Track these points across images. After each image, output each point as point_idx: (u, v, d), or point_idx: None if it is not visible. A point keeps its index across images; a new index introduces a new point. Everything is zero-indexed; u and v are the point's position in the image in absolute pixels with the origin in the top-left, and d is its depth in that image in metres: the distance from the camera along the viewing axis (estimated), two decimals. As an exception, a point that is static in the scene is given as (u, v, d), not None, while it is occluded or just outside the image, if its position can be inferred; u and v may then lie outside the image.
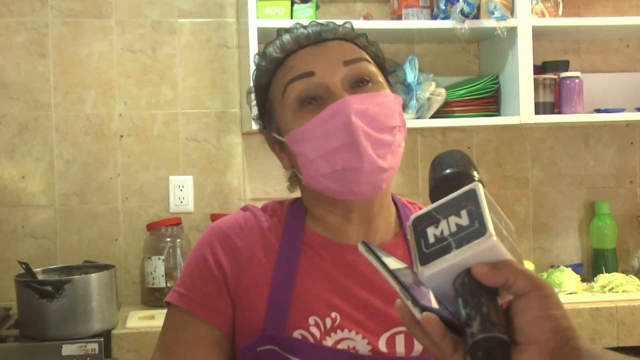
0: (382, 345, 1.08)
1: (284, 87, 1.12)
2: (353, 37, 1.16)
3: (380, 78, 1.15)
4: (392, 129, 1.10)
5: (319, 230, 1.16)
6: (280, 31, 1.19)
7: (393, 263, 0.82)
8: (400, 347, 1.09)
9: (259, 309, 1.10)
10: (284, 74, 1.13)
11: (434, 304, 0.78)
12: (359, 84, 1.12)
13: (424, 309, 0.75)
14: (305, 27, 1.17)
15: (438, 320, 0.74)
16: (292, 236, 1.15)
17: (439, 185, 0.86)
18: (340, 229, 1.16)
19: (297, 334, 1.07)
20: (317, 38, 1.14)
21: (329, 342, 1.07)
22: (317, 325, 1.08)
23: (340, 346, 1.07)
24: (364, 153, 1.06)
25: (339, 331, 1.08)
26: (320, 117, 1.08)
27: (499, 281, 0.75)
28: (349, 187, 1.09)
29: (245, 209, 1.21)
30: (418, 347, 1.09)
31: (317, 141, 1.08)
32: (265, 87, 1.17)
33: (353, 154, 1.07)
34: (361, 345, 1.08)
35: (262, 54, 1.19)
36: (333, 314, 1.09)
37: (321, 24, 1.16)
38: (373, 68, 1.14)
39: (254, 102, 1.22)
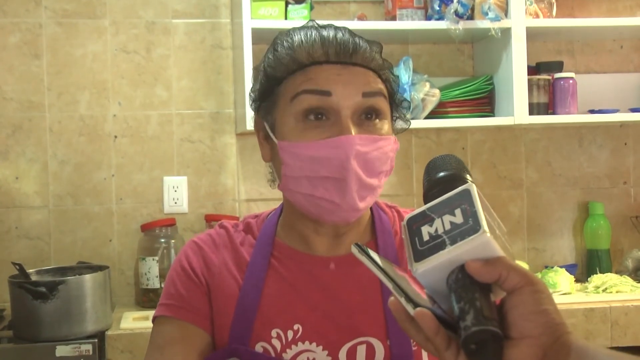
0: (342, 356, 1.10)
1: (296, 94, 1.09)
2: (379, 68, 1.13)
3: (388, 115, 1.13)
4: (381, 174, 1.11)
5: (288, 241, 1.18)
6: (309, 23, 1.15)
7: (386, 263, 0.83)
8: (361, 358, 1.11)
9: (226, 321, 1.13)
10: (302, 81, 1.10)
11: (427, 301, 0.78)
12: (368, 115, 1.10)
13: (417, 305, 0.76)
14: (336, 30, 1.12)
15: (431, 315, 0.75)
16: (262, 251, 1.17)
17: (433, 187, 0.89)
18: (309, 239, 1.17)
19: (259, 346, 1.11)
20: (346, 59, 1.10)
21: (289, 354, 1.10)
22: (279, 337, 1.11)
23: (300, 358, 1.10)
24: (348, 194, 1.07)
25: (299, 343, 1.11)
26: (320, 143, 1.07)
27: (492, 277, 0.76)
28: (321, 214, 1.11)
29: (221, 225, 1.24)
30: (379, 357, 1.11)
31: (308, 163, 1.08)
32: (278, 81, 1.13)
33: (337, 190, 1.07)
34: (321, 356, 1.10)
35: (283, 43, 1.13)
36: (295, 326, 1.11)
37: (354, 37, 1.12)
38: (385, 104, 1.13)
39: (257, 85, 1.18)
